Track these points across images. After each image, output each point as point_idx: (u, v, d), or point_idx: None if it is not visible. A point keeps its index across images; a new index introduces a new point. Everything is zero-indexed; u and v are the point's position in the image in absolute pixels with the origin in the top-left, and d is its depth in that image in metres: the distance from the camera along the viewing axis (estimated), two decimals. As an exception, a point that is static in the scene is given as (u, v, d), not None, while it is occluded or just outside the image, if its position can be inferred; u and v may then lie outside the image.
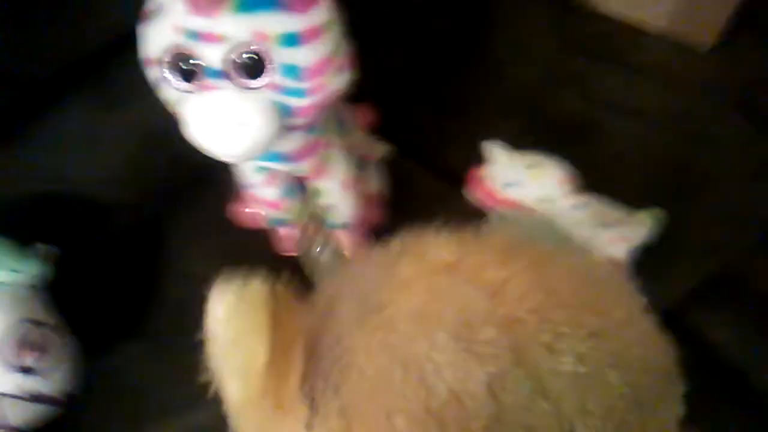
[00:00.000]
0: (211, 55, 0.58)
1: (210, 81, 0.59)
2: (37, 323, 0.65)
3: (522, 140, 0.87)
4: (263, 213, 0.79)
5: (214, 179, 0.78)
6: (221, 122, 0.59)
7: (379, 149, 0.88)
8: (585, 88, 0.99)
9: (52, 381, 0.66)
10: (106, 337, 0.75)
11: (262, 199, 0.76)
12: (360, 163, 0.80)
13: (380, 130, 0.91)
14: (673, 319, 0.78)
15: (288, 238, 0.80)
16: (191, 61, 0.59)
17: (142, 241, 0.83)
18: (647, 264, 0.81)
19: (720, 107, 0.96)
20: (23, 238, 0.68)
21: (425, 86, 1.01)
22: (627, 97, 0.98)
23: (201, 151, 0.61)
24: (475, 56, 1.04)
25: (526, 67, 1.02)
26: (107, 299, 0.78)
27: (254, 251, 0.82)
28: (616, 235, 0.81)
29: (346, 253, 0.79)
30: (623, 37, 1.03)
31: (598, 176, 0.85)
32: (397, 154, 0.90)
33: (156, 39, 0.60)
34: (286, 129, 0.62)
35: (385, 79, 0.95)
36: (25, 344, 0.63)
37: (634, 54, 1.02)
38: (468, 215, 0.85)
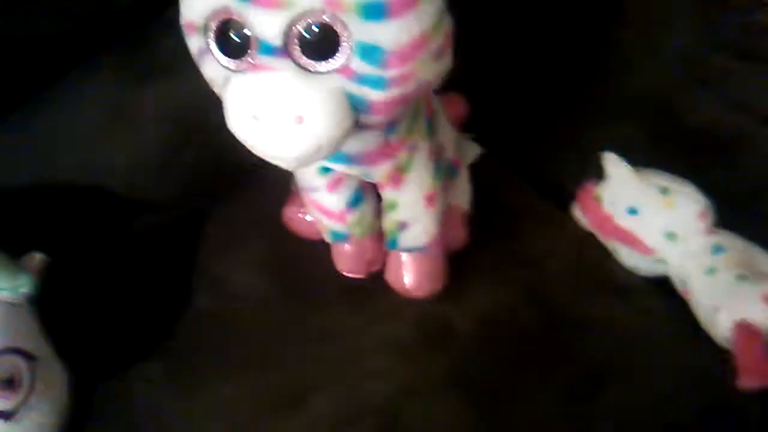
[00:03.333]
0: (267, 25, 0.44)
1: (264, 59, 0.46)
2: (21, 353, 0.54)
3: (647, 153, 0.75)
4: (324, 223, 0.67)
5: (264, 173, 0.65)
6: (271, 114, 0.45)
7: (472, 153, 0.75)
8: (730, 92, 0.85)
9: (27, 425, 0.54)
10: (119, 355, 0.65)
11: (321, 206, 0.65)
12: (448, 173, 0.67)
13: (469, 128, 0.78)
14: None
15: (347, 257, 0.69)
16: (243, 31, 0.46)
17: (171, 242, 0.72)
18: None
19: None
20: (20, 241, 0.56)
21: (530, 79, 0.87)
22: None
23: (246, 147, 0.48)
24: (596, 47, 0.90)
25: (657, 63, 0.88)
26: (124, 311, 0.68)
27: (304, 264, 0.71)
28: (763, 293, 0.65)
29: (417, 292, 0.67)
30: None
31: (744, 209, 0.73)
32: (488, 158, 0.77)
33: (202, 0, 0.47)
34: (356, 128, 0.48)
35: (481, 66, 0.83)
36: (3, 383, 0.52)
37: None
38: (576, 244, 0.72)
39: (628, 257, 0.72)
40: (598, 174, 0.72)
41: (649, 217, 0.69)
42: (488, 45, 0.85)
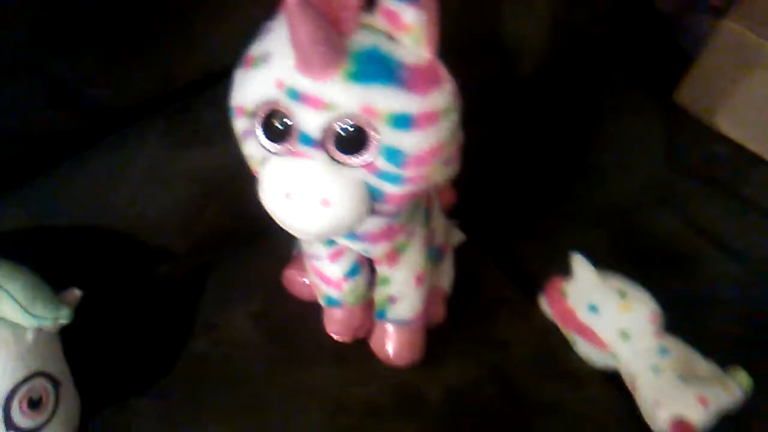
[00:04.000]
0: (309, 121, 0.51)
1: (302, 147, 0.52)
2: (48, 377, 0.58)
3: (609, 258, 0.80)
4: (321, 288, 0.71)
5: (269, 237, 0.70)
6: (301, 195, 0.51)
7: (456, 237, 0.81)
8: (687, 212, 0.92)
9: None
10: (116, 389, 0.68)
11: (321, 273, 0.69)
12: (435, 254, 0.72)
13: (455, 214, 0.83)
14: None
15: (337, 321, 0.73)
16: (286, 121, 0.52)
17: (178, 291, 0.76)
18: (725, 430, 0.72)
19: None
20: (57, 271, 0.61)
21: (513, 181, 0.95)
22: (732, 233, 0.90)
23: (273, 219, 0.54)
24: (573, 156, 0.98)
25: (626, 177, 0.96)
26: (125, 349, 0.72)
27: (296, 322, 0.75)
28: (699, 394, 0.71)
29: (398, 360, 0.72)
30: (739, 166, 0.96)
31: (687, 317, 0.78)
32: (470, 246, 0.83)
33: (254, 89, 0.53)
34: (371, 213, 0.55)
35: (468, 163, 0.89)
36: (30, 401, 0.56)
37: (747, 186, 0.94)
38: (540, 332, 0.78)
39: (585, 349, 0.78)
40: (566, 271, 0.78)
41: (606, 316, 0.75)
42: (482, 150, 0.91)
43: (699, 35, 1.02)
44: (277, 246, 0.75)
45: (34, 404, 0.56)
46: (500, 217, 0.91)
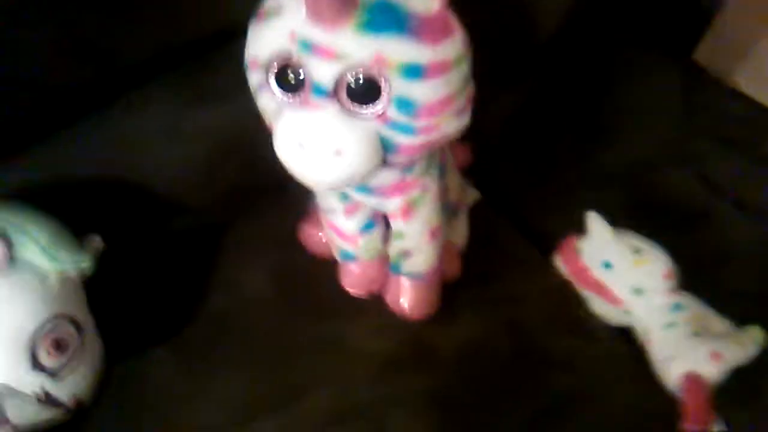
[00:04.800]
0: (321, 72, 0.52)
1: (315, 98, 0.53)
2: (72, 321, 0.60)
3: (622, 216, 0.81)
4: (337, 243, 0.72)
5: (286, 193, 0.72)
6: (315, 146, 0.53)
7: (471, 195, 0.82)
8: (703, 171, 0.92)
9: (67, 384, 0.60)
10: (136, 339, 0.70)
11: (337, 228, 0.71)
12: (450, 211, 0.73)
13: (470, 173, 0.85)
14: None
15: (353, 275, 0.75)
16: (299, 73, 0.53)
17: (196, 246, 0.78)
18: (735, 388, 0.72)
19: None
20: (76, 223, 0.62)
21: (531, 140, 0.95)
22: (748, 191, 0.90)
23: (287, 170, 0.55)
24: (589, 117, 0.97)
25: (642, 137, 0.95)
26: (145, 300, 0.73)
27: (311, 279, 0.77)
28: (713, 350, 0.72)
29: (412, 313, 0.73)
30: (758, 124, 0.95)
31: (702, 274, 0.79)
32: (486, 204, 0.84)
33: (268, 42, 0.54)
34: (383, 164, 0.56)
35: (487, 121, 0.89)
36: (54, 342, 0.58)
37: (765, 144, 0.93)
38: (554, 289, 0.79)
39: (599, 305, 0.79)
40: (581, 230, 0.79)
41: (620, 272, 0.76)
42: (500, 106, 0.93)
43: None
44: (293, 202, 0.76)
45: (59, 346, 0.59)
46: (516, 176, 0.92)
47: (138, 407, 0.68)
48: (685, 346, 0.73)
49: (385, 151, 0.55)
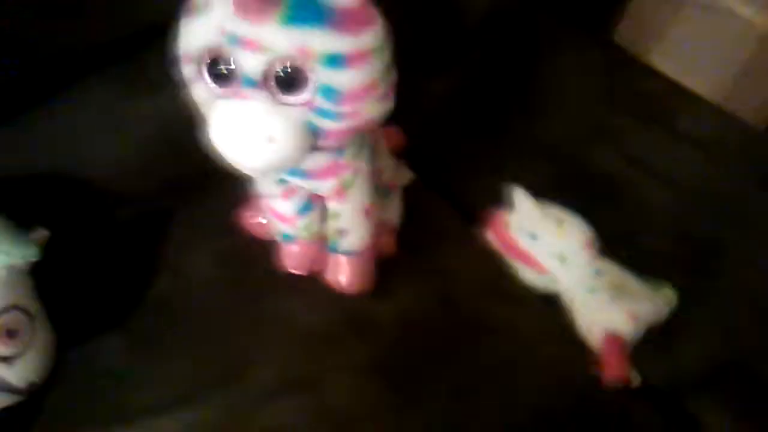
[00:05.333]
0: (249, 63, 0.55)
1: (245, 89, 0.56)
2: (22, 310, 0.63)
3: (547, 189, 0.85)
4: (276, 225, 0.76)
5: (225, 180, 0.73)
6: (247, 133, 0.56)
7: (404, 176, 0.85)
8: (623, 146, 0.97)
9: (19, 369, 0.63)
10: (85, 326, 0.72)
11: (275, 211, 0.74)
12: (383, 191, 0.77)
13: (405, 155, 0.88)
14: (670, 401, 0.78)
15: (293, 256, 0.78)
16: (229, 66, 0.56)
17: (140, 233, 0.80)
18: (652, 339, 0.79)
19: (764, 190, 0.93)
20: (20, 216, 0.65)
21: (462, 117, 0.99)
22: (666, 164, 0.95)
23: (221, 158, 0.58)
24: (513, 95, 1.01)
25: (565, 114, 1.00)
26: (92, 288, 0.75)
27: (253, 260, 0.79)
28: (629, 310, 0.78)
29: (349, 288, 0.77)
30: (673, 101, 1.01)
31: (621, 240, 0.84)
32: (418, 183, 0.87)
33: (197, 36, 0.57)
34: (313, 149, 0.59)
35: (415, 104, 0.92)
36: (6, 332, 0.60)
37: (681, 120, 0.99)
38: (484, 261, 0.84)
39: (526, 274, 0.83)
40: (507, 204, 0.83)
41: (545, 243, 0.81)
42: (426, 89, 0.97)
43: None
44: (233, 189, 0.78)
45: (11, 334, 0.61)
46: (448, 155, 0.95)
47: (88, 391, 0.71)
48: (604, 309, 0.78)
49: (314, 136, 0.58)
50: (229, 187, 0.77)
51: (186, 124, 0.63)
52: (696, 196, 0.92)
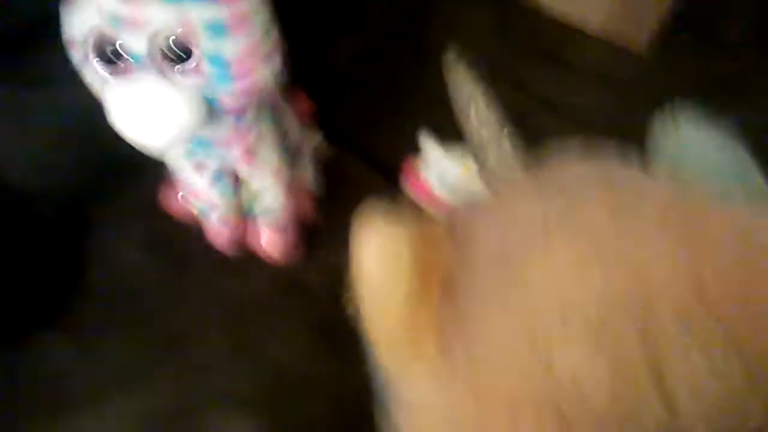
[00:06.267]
0: (134, 42, 0.56)
1: (134, 67, 0.57)
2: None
3: (455, 131, 0.87)
4: (193, 200, 0.78)
5: (141, 164, 0.75)
6: (144, 111, 0.57)
7: (313, 139, 0.88)
8: (518, 81, 1.00)
9: None
10: (24, 326, 0.74)
11: (191, 186, 0.75)
12: (293, 154, 0.79)
13: (314, 120, 0.91)
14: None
15: (218, 231, 0.80)
16: (116, 46, 0.57)
17: (65, 230, 0.81)
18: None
19: (651, 108, 0.98)
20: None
21: (360, 76, 1.01)
22: (559, 93, 0.99)
23: (139, 148, 0.60)
24: (409, 45, 1.05)
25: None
26: (26, 289, 0.76)
27: (180, 242, 0.81)
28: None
29: (276, 255, 0.78)
30: (559, 34, 1.05)
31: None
32: (329, 144, 0.90)
33: (80, 21, 0.58)
34: (213, 117, 0.61)
35: (318, 68, 0.97)
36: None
37: (568, 51, 1.04)
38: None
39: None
40: (417, 151, 0.87)
41: (452, 185, 0.84)
42: (325, 52, 0.99)
43: None
44: (153, 172, 0.80)
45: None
46: (358, 115, 0.97)
47: (30, 388, 0.73)
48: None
49: (210, 105, 0.60)
50: (147, 170, 0.80)
51: (93, 111, 0.63)
52: (590, 119, 0.96)
